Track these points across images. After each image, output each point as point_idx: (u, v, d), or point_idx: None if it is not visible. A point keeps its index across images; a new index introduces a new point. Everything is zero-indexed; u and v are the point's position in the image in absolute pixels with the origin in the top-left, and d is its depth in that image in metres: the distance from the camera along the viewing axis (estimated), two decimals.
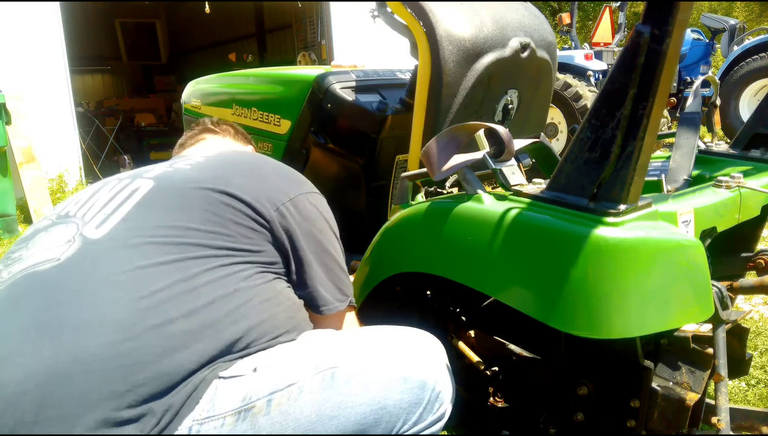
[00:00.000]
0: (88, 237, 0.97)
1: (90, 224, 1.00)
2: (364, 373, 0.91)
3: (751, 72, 7.18)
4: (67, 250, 0.95)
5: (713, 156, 1.56)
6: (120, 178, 1.13)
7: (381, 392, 0.90)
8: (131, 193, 1.05)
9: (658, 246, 0.92)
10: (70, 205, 1.09)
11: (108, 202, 1.04)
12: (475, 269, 1.09)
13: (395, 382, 0.92)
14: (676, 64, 0.87)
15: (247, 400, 0.88)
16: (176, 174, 1.11)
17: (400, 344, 1.00)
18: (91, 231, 0.98)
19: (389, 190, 2.12)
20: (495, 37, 1.65)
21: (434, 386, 0.96)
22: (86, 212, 1.03)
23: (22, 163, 5.65)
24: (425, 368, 0.96)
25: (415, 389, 0.93)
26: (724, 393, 1.08)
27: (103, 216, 1.01)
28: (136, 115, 11.52)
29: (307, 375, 0.90)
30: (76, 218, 1.03)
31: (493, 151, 1.13)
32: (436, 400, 0.96)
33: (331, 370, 0.91)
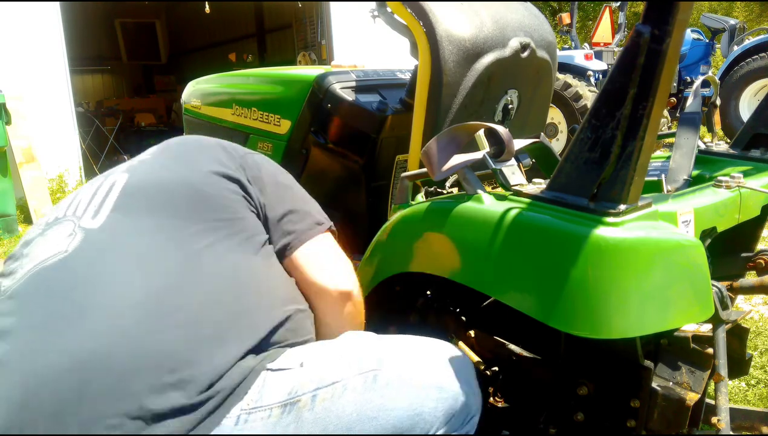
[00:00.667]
0: (88, 227, 0.98)
1: (85, 216, 1.01)
2: (404, 378, 0.94)
3: (751, 72, 7.18)
4: (71, 241, 0.96)
5: (713, 156, 1.56)
6: (92, 181, 1.15)
7: (418, 399, 0.93)
8: (111, 186, 1.07)
9: (658, 246, 0.92)
10: (55, 213, 1.10)
11: (93, 197, 1.06)
12: (474, 269, 1.09)
13: (432, 390, 0.95)
14: (676, 64, 0.87)
15: (293, 394, 0.90)
16: (142, 165, 1.15)
17: (436, 355, 1.04)
18: (89, 222, 1.00)
19: (389, 190, 2.12)
20: (495, 37, 1.65)
21: (466, 399, 0.99)
22: (75, 210, 1.05)
23: (22, 163, 5.65)
24: (458, 380, 0.99)
25: (449, 399, 0.96)
26: (724, 393, 1.08)
27: (95, 207, 1.03)
28: (136, 115, 11.53)
29: (351, 374, 0.93)
30: (67, 218, 1.04)
31: (493, 151, 1.13)
32: (466, 412, 0.99)
33: (374, 372, 0.94)
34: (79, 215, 1.02)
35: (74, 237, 0.97)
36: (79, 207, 1.05)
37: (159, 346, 0.86)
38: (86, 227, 0.99)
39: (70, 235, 0.98)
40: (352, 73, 2.12)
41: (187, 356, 0.87)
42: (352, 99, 2.00)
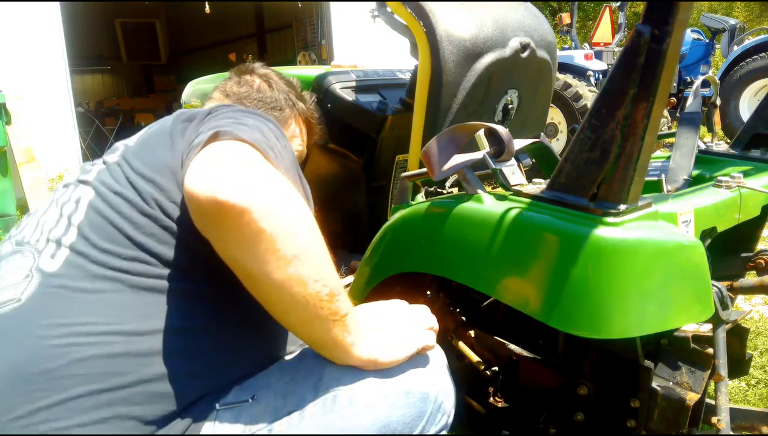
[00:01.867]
0: (45, 270, 0.90)
1: (44, 253, 0.93)
2: (367, 392, 0.88)
3: (751, 72, 7.18)
4: (26, 287, 0.89)
5: (713, 156, 1.56)
6: (66, 184, 1.06)
7: (384, 410, 0.88)
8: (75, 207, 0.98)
9: (658, 246, 0.92)
10: (26, 227, 1.02)
11: (56, 225, 0.97)
12: (475, 269, 1.09)
13: (398, 397, 0.89)
14: (676, 64, 0.87)
15: (248, 431, 0.86)
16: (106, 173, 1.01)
17: None
18: (47, 262, 0.91)
19: (389, 190, 2.12)
20: (495, 37, 1.65)
21: (436, 397, 0.93)
22: (39, 238, 0.97)
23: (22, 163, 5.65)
24: (427, 379, 0.93)
25: (417, 402, 0.91)
26: (724, 393, 1.08)
27: (54, 244, 0.93)
28: (136, 115, 11.53)
29: (307, 400, 0.88)
30: (30, 246, 0.96)
31: (493, 151, 1.13)
32: (438, 411, 0.94)
33: (333, 393, 0.88)
34: (40, 249, 0.94)
35: (30, 281, 0.89)
36: (43, 235, 0.96)
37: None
38: (43, 269, 0.90)
39: (27, 277, 0.90)
40: (352, 73, 2.12)
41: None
42: (352, 99, 2.00)
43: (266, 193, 0.79)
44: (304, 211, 0.83)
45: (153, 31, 13.13)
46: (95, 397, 0.81)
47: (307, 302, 0.82)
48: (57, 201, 1.02)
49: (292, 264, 0.80)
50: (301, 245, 0.81)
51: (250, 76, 1.49)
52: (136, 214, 0.92)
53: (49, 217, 0.99)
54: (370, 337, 0.91)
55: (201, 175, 0.79)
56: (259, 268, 0.80)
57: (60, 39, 6.54)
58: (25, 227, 1.03)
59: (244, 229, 0.78)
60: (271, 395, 0.90)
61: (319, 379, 0.90)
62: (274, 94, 1.47)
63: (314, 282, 0.82)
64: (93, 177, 1.02)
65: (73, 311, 0.86)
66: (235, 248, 0.81)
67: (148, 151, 1.01)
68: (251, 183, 0.78)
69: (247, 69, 1.51)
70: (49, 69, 6.50)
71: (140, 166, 0.98)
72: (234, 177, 0.78)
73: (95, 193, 0.97)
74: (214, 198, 0.76)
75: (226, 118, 0.99)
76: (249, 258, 0.80)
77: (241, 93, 1.44)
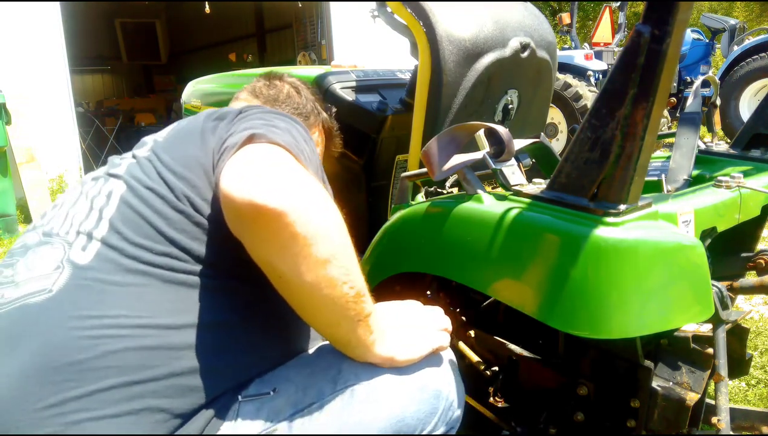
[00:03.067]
0: (76, 263, 0.91)
1: (75, 245, 0.94)
2: (383, 387, 0.91)
3: (751, 72, 7.18)
4: (57, 278, 0.90)
5: (713, 156, 1.56)
6: (95, 177, 1.07)
7: (399, 405, 0.90)
8: (106, 200, 0.98)
9: (658, 246, 0.92)
10: (54, 219, 1.02)
11: (86, 217, 0.97)
12: (475, 269, 1.09)
13: (413, 393, 0.92)
14: (676, 64, 0.87)
15: (269, 423, 0.88)
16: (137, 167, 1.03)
17: None
18: (78, 254, 0.92)
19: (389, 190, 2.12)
20: (495, 37, 1.65)
21: (448, 395, 0.96)
22: (69, 230, 0.97)
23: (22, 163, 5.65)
24: (439, 376, 0.96)
25: (431, 398, 0.93)
26: (724, 393, 1.09)
27: (85, 237, 0.94)
28: (136, 115, 11.53)
29: (326, 393, 0.90)
30: (60, 238, 0.97)
31: (493, 151, 1.13)
32: (449, 408, 0.97)
33: (350, 388, 0.90)
34: (70, 241, 0.95)
35: (61, 272, 0.90)
36: (73, 227, 0.97)
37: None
38: (74, 262, 0.91)
39: (58, 268, 0.91)
40: (352, 73, 2.12)
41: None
42: (352, 99, 2.00)
43: (301, 196, 0.80)
44: (335, 214, 0.85)
45: (153, 31, 13.13)
46: (127, 389, 0.82)
47: (335, 303, 0.84)
48: (87, 194, 1.03)
49: (323, 266, 0.81)
50: (332, 247, 0.82)
51: (280, 82, 1.52)
52: (168, 209, 0.94)
53: (79, 209, 1.00)
54: (390, 336, 0.93)
55: (238, 177, 0.80)
56: (291, 269, 0.81)
57: (60, 39, 6.53)
58: (53, 218, 1.03)
59: (280, 232, 0.79)
60: (292, 388, 0.92)
61: (337, 372, 0.92)
62: (301, 100, 1.51)
63: (343, 284, 0.83)
64: (124, 171, 1.03)
65: (105, 304, 0.87)
66: (268, 249, 0.82)
67: (179, 148, 1.03)
68: (286, 186, 0.80)
69: (277, 75, 1.56)
70: (49, 69, 6.50)
71: (171, 162, 0.99)
72: (270, 180, 0.79)
73: (127, 187, 0.99)
74: (251, 201, 0.77)
75: (258, 119, 1.00)
76: (282, 260, 0.81)
77: (270, 95, 1.48)
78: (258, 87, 1.51)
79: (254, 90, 1.50)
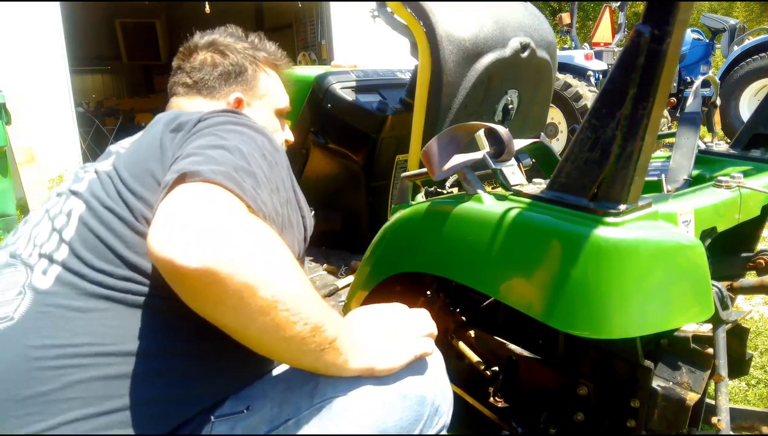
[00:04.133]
0: (38, 288, 0.89)
1: (36, 269, 0.92)
2: (362, 397, 0.88)
3: (751, 72, 7.18)
4: (19, 305, 0.88)
5: (713, 156, 1.56)
6: (59, 193, 1.04)
7: (380, 415, 0.87)
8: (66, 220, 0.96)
9: (659, 246, 0.92)
10: (21, 238, 1.00)
11: (48, 239, 0.95)
12: (475, 269, 1.09)
13: (394, 401, 0.89)
14: (676, 64, 0.87)
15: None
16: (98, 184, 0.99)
17: None
18: (39, 279, 0.90)
19: (389, 190, 2.12)
20: (495, 37, 1.65)
21: (433, 400, 0.93)
22: (31, 253, 0.95)
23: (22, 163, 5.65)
24: (423, 382, 0.93)
25: (414, 405, 0.90)
26: (724, 393, 1.08)
27: (46, 260, 0.92)
28: (136, 115, 11.51)
29: (303, 407, 0.87)
30: (23, 259, 0.95)
31: (493, 151, 1.13)
32: (435, 414, 0.93)
33: (328, 400, 0.87)
34: (32, 264, 0.93)
35: (23, 298, 0.88)
36: (35, 250, 0.95)
37: None
38: (35, 287, 0.89)
39: (20, 293, 0.89)
40: (352, 73, 2.12)
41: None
42: (352, 99, 2.00)
43: (226, 247, 0.72)
44: (272, 253, 0.77)
45: (153, 31, 13.11)
46: (92, 420, 0.81)
47: (290, 343, 0.78)
48: (49, 212, 1.00)
49: (266, 314, 0.74)
50: (272, 292, 0.74)
51: (198, 54, 1.38)
52: (127, 231, 0.91)
53: (42, 230, 0.98)
54: (366, 348, 0.89)
55: (161, 230, 0.74)
56: (232, 323, 0.76)
57: (60, 39, 6.53)
58: (20, 237, 1.01)
59: (209, 290, 0.72)
60: (267, 405, 0.89)
61: (314, 387, 0.89)
62: (231, 59, 1.36)
63: (294, 324, 0.76)
64: (84, 187, 1.00)
65: (68, 331, 0.85)
66: (203, 307, 0.76)
67: (139, 163, 0.99)
68: (210, 238, 0.71)
69: (190, 48, 1.40)
70: (49, 69, 6.49)
71: (130, 180, 0.96)
72: (192, 233, 0.71)
73: (86, 206, 0.96)
74: (172, 261, 0.70)
75: (209, 135, 0.94)
76: (221, 315, 0.76)
77: (199, 79, 1.35)
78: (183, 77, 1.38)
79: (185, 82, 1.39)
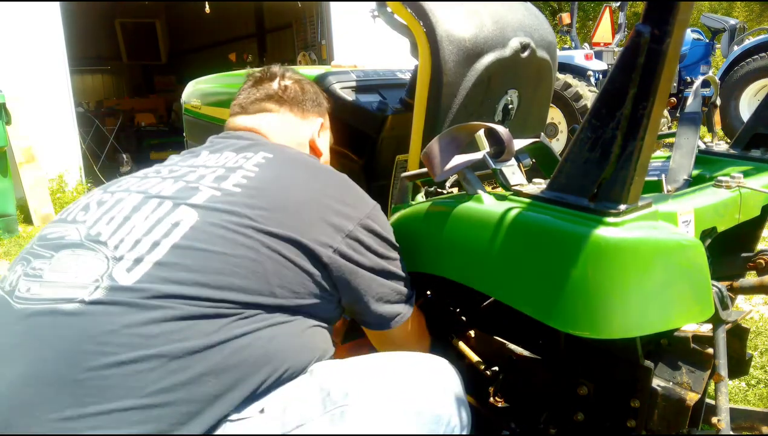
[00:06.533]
0: (117, 282, 0.89)
1: (121, 263, 0.91)
2: (376, 410, 0.88)
3: (751, 72, 7.19)
4: (93, 292, 0.88)
5: (713, 156, 1.56)
6: (161, 198, 1.02)
7: (393, 429, 0.87)
8: (172, 227, 0.96)
9: (659, 246, 0.92)
10: (101, 221, 0.99)
11: (144, 236, 0.95)
12: (475, 269, 1.09)
13: (409, 418, 0.89)
14: (676, 64, 0.87)
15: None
16: (223, 203, 1.00)
17: (413, 376, 0.97)
18: (121, 275, 0.90)
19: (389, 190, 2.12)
20: (495, 37, 1.65)
21: (449, 420, 0.93)
22: (119, 243, 0.94)
23: (22, 163, 5.66)
24: (439, 401, 0.93)
25: (429, 422, 0.90)
26: (724, 393, 1.08)
27: (137, 255, 0.92)
28: (136, 115, 11.52)
29: (315, 414, 0.88)
30: (107, 248, 0.94)
31: (493, 151, 1.13)
32: (453, 430, 0.93)
33: (341, 408, 0.88)
34: (118, 257, 0.92)
35: (98, 286, 0.88)
36: (126, 241, 0.94)
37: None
38: (115, 281, 0.89)
39: (96, 281, 0.89)
40: (352, 73, 2.12)
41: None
42: (352, 99, 2.00)
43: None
44: None
45: (153, 31, 13.12)
46: (145, 411, 0.81)
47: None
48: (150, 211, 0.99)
49: None
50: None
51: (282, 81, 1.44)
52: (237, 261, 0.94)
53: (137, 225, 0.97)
54: None
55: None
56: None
57: (60, 39, 6.53)
58: (99, 220, 1.00)
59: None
60: (280, 409, 0.90)
61: (327, 394, 0.90)
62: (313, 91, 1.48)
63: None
64: (202, 201, 1.00)
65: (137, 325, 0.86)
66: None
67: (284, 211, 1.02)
68: None
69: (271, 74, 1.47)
70: (49, 69, 6.50)
71: (269, 222, 0.99)
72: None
73: (201, 222, 0.97)
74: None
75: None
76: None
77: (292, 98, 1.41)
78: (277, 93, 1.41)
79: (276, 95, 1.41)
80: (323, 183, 1.13)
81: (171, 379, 0.84)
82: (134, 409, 0.81)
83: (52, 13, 6.48)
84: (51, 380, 0.81)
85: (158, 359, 0.84)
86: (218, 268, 0.92)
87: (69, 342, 0.84)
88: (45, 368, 0.82)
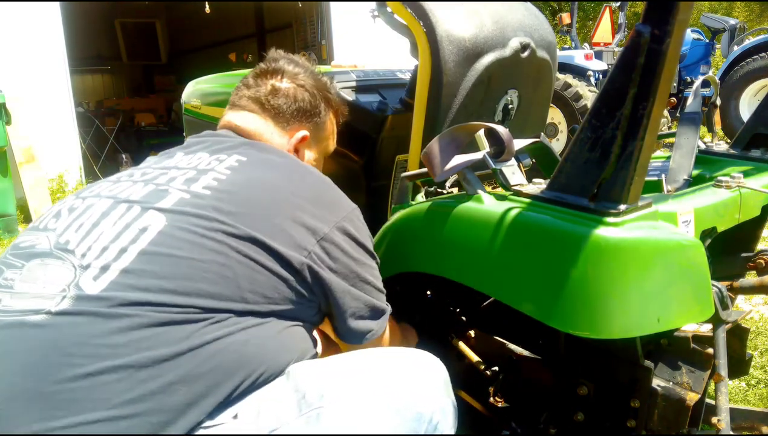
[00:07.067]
0: (84, 292, 0.87)
1: (88, 272, 0.89)
2: (352, 410, 0.85)
3: (751, 72, 7.18)
4: (60, 302, 0.86)
5: (713, 156, 1.56)
6: (130, 202, 0.99)
7: (370, 430, 0.84)
8: (139, 232, 0.93)
9: (659, 246, 0.92)
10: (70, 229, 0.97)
11: (112, 243, 0.92)
12: (475, 269, 1.09)
13: (387, 417, 0.86)
14: (676, 64, 0.87)
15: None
16: (192, 206, 0.97)
17: (393, 372, 0.92)
18: (88, 283, 0.88)
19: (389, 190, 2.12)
20: (495, 37, 1.65)
21: (431, 417, 0.89)
22: (87, 251, 0.92)
23: (22, 163, 5.65)
24: (421, 397, 0.89)
25: (409, 421, 0.87)
26: (724, 393, 1.08)
27: (103, 262, 0.90)
28: (136, 115, 11.52)
29: (290, 417, 0.86)
30: (75, 257, 0.92)
31: (494, 151, 1.13)
32: (434, 431, 0.90)
33: (317, 410, 0.85)
34: (84, 265, 0.90)
35: (65, 296, 0.86)
36: (93, 249, 0.92)
37: None
38: (81, 290, 0.87)
39: (63, 291, 0.87)
40: (352, 73, 2.12)
41: None
42: (352, 99, 2.00)
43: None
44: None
45: (153, 31, 13.11)
46: (113, 423, 0.80)
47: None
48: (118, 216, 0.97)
49: None
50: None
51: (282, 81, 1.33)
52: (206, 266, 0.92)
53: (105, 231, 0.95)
54: None
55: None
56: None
57: (60, 39, 6.53)
58: (68, 228, 0.98)
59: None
60: (254, 414, 0.88)
61: (302, 397, 0.88)
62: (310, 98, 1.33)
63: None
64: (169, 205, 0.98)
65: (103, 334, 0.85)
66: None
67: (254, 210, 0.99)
68: None
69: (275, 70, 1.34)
70: (49, 69, 6.49)
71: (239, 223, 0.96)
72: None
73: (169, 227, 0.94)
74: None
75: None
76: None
77: (277, 106, 1.29)
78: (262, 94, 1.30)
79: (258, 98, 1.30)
80: (297, 184, 1.08)
81: (139, 389, 0.82)
82: (102, 421, 0.80)
83: (52, 13, 6.48)
84: (19, 394, 0.80)
85: (125, 369, 0.82)
86: (186, 273, 0.90)
87: (36, 355, 0.83)
88: (13, 382, 0.81)
